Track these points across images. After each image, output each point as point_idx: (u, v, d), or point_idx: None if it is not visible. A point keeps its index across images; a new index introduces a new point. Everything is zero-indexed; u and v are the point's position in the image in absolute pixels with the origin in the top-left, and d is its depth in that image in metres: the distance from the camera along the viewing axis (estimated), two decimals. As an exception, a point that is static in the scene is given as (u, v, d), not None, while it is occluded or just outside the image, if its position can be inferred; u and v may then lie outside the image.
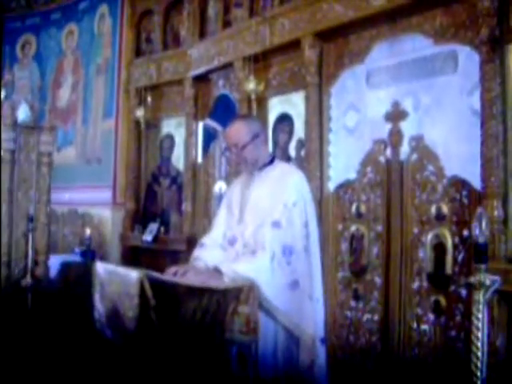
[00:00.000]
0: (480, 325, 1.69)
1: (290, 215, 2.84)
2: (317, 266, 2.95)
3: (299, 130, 5.26)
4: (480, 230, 1.83)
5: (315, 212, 3.05)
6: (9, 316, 4.85)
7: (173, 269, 2.82)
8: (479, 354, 1.69)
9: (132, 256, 7.18)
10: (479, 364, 1.69)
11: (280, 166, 3.09)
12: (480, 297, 1.73)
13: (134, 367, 2.52)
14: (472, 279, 1.79)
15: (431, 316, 3.97)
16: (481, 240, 1.82)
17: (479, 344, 1.69)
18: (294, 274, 2.79)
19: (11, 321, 4.80)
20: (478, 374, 1.70)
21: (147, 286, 2.38)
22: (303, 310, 2.80)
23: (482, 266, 1.80)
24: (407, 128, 4.26)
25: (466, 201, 3.82)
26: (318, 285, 2.94)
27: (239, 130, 2.98)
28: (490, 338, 3.30)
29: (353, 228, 4.58)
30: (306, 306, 2.83)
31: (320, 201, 4.73)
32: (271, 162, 3.07)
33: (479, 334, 1.69)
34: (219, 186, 6.14)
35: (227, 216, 3.14)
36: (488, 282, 1.74)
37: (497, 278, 1.79)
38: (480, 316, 1.71)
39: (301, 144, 5.22)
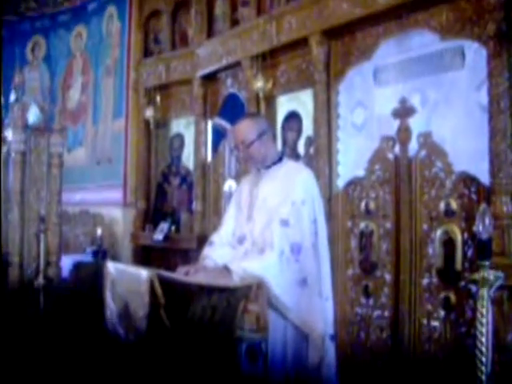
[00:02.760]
0: (484, 321, 1.69)
1: (298, 213, 2.85)
2: (325, 263, 2.96)
3: (308, 128, 5.27)
4: (483, 227, 1.83)
5: (323, 209, 3.06)
6: (21, 316, 4.89)
7: (184, 268, 2.84)
8: (484, 349, 1.70)
9: (143, 255, 7.22)
10: (484, 359, 1.70)
11: (288, 164, 3.11)
12: (484, 293, 1.74)
13: (145, 365, 2.55)
14: (476, 276, 1.79)
15: (441, 312, 3.96)
16: (484, 236, 1.82)
17: (484, 340, 1.70)
18: (303, 271, 2.80)
19: (24, 321, 4.84)
20: (483, 369, 1.71)
21: (157, 284, 2.41)
22: (312, 308, 2.82)
23: (486, 263, 1.80)
24: (415, 124, 4.26)
25: (474, 197, 3.81)
26: (326, 282, 2.95)
27: (246, 128, 3.00)
28: (499, 335, 3.30)
29: (362, 225, 4.58)
30: (315, 303, 2.84)
31: (329, 198, 4.74)
32: (279, 160, 3.08)
33: (484, 330, 1.70)
34: (229, 184, 6.17)
35: (236, 214, 3.16)
36: (492, 278, 1.75)
37: (500, 273, 1.79)
38: (484, 312, 1.71)
39: (309, 142, 5.23)
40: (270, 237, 2.78)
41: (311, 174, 3.06)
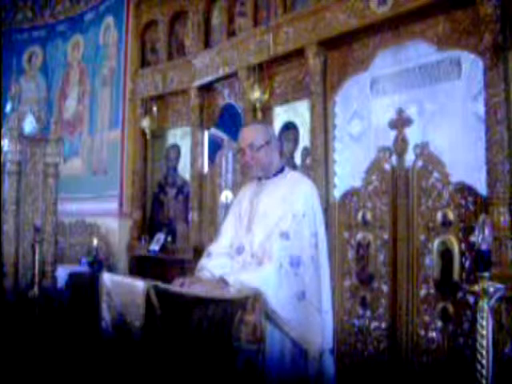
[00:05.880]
0: (484, 332, 1.68)
1: (298, 226, 2.81)
2: (325, 276, 2.92)
3: (304, 139, 5.27)
4: (483, 238, 1.82)
5: (323, 221, 3.04)
6: (16, 327, 4.86)
7: (179, 280, 2.81)
8: (484, 361, 1.68)
9: (139, 266, 7.19)
10: (484, 372, 1.68)
11: (290, 175, 3.06)
12: (484, 305, 1.72)
13: (141, 376, 2.52)
14: (475, 287, 1.78)
15: (439, 323, 3.95)
16: (483, 247, 1.81)
17: (484, 352, 1.68)
18: (301, 285, 2.76)
19: (19, 332, 4.81)
20: (484, 382, 1.69)
21: (153, 295, 2.39)
22: (310, 322, 2.78)
23: (486, 274, 1.79)
24: (412, 135, 4.26)
25: (472, 207, 3.81)
26: (326, 296, 2.91)
27: (256, 132, 2.99)
28: (498, 346, 3.29)
29: (359, 236, 4.57)
30: (313, 317, 2.79)
31: (326, 209, 4.72)
32: (281, 170, 3.06)
33: (484, 342, 1.68)
34: (225, 195, 6.15)
35: (235, 224, 3.11)
36: (491, 290, 1.73)
37: (500, 285, 1.78)
38: (484, 324, 1.70)
39: (306, 152, 5.23)
40: (269, 249, 2.75)
41: (313, 186, 3.02)
